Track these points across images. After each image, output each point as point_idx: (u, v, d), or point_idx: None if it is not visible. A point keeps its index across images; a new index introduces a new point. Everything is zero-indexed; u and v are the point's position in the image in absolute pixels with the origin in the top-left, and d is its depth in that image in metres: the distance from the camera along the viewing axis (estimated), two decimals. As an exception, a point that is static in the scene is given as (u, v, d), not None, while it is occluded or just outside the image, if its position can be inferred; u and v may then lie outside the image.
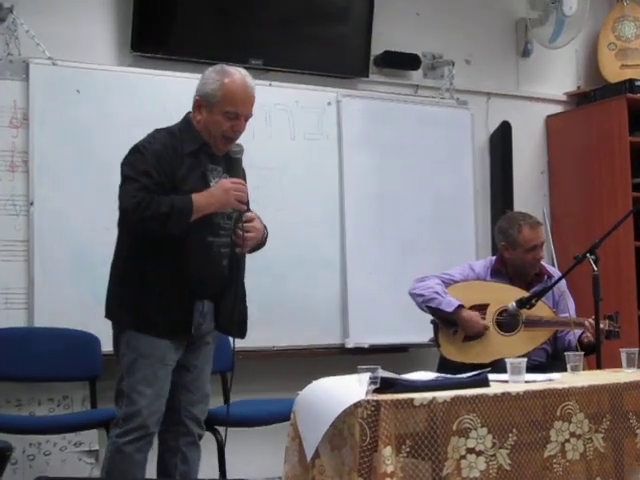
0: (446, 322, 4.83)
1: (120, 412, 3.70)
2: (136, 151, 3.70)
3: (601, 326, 4.33)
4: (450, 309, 4.75)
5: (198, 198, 3.63)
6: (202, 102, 3.75)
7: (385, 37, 5.98)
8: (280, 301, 5.37)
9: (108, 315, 3.81)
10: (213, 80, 3.75)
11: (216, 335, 3.95)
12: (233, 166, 3.81)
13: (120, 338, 3.76)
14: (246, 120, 3.78)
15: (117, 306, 3.78)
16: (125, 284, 3.75)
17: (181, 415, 3.85)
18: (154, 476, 3.91)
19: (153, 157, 3.66)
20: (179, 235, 3.61)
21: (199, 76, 4.57)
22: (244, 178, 3.88)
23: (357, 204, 5.69)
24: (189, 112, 3.82)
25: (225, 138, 3.76)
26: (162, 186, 3.62)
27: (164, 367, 3.71)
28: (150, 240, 3.65)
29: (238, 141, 3.81)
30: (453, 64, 6.20)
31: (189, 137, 3.76)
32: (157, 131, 3.78)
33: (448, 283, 4.89)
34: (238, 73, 3.78)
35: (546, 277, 4.95)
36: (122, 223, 3.75)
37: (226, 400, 4.87)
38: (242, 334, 3.88)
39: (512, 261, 4.92)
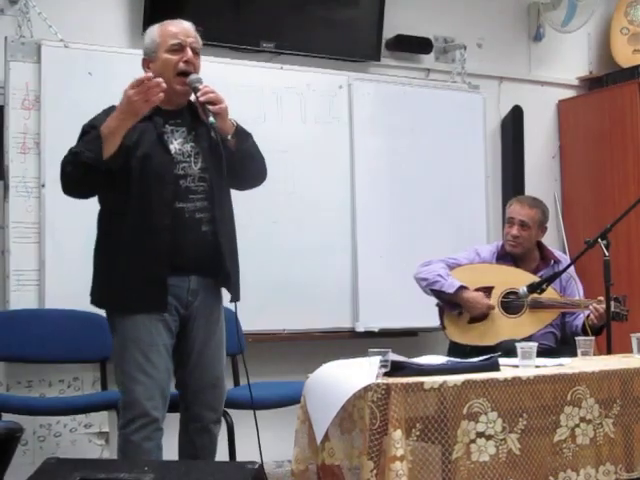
0: (450, 304, 4.83)
1: (120, 401, 3.62)
2: (81, 130, 3.65)
3: None
4: (452, 290, 4.74)
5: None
6: (147, 58, 3.71)
7: (397, 21, 5.95)
8: (291, 285, 5.36)
9: (91, 301, 3.71)
10: (149, 35, 3.74)
11: (220, 313, 3.78)
12: (203, 110, 3.54)
13: (110, 324, 3.68)
14: (195, 53, 3.65)
15: (97, 290, 3.68)
16: (99, 265, 3.66)
17: (188, 401, 3.75)
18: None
19: (92, 129, 3.56)
20: (97, 160, 3.44)
21: (210, 59, 4.58)
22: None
23: (368, 187, 5.68)
24: None
25: (180, 75, 3.62)
26: None
27: (155, 349, 3.56)
28: (114, 213, 3.58)
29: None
30: (465, 48, 6.18)
31: None
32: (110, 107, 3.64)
33: (453, 267, 4.89)
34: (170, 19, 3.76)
35: (553, 262, 4.95)
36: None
37: (236, 383, 4.88)
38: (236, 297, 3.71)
39: None
